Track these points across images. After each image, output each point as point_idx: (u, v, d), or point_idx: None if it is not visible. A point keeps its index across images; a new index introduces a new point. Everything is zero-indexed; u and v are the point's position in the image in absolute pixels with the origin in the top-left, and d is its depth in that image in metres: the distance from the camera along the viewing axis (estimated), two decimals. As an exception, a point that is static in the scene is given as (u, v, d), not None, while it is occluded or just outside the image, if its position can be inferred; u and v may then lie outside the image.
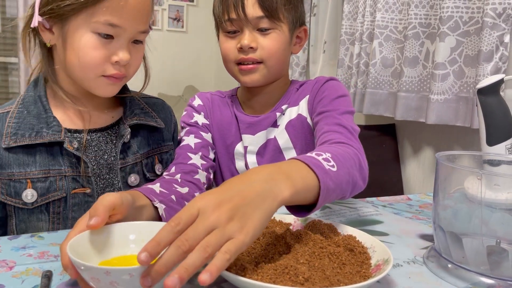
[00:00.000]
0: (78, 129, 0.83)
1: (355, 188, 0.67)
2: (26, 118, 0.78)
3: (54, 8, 0.74)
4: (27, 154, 0.77)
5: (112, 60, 0.76)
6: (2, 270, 0.54)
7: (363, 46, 1.89)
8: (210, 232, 0.44)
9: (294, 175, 0.54)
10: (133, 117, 0.87)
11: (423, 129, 1.81)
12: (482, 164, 0.70)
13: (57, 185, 0.78)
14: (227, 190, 0.48)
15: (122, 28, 0.75)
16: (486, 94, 0.75)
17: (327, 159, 0.61)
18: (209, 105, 0.99)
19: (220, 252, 0.43)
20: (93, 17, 0.73)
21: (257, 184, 0.50)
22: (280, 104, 0.95)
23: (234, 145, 0.96)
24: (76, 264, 0.46)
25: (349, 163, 0.65)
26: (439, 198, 0.60)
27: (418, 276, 0.58)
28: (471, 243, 0.57)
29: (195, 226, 0.44)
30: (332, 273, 0.51)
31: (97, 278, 0.45)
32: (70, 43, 0.75)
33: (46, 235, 0.66)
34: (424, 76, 1.69)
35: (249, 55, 0.87)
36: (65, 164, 0.79)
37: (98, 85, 0.78)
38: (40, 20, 0.75)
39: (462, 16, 1.50)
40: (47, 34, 0.78)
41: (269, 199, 0.49)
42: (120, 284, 0.44)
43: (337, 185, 0.60)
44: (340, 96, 0.89)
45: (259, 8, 0.84)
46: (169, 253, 0.42)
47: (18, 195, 0.77)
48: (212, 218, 0.44)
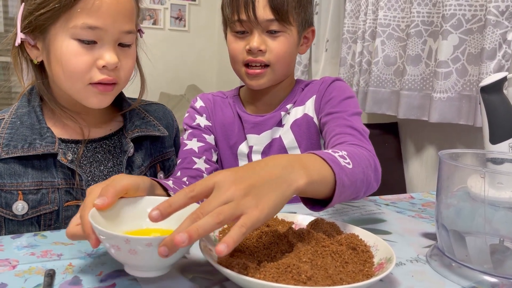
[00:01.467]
0: (74, 139, 0.81)
1: (369, 188, 0.67)
2: (19, 129, 0.76)
3: (32, 21, 0.72)
4: (19, 165, 0.75)
5: (99, 65, 0.72)
6: (5, 269, 0.54)
7: (366, 44, 1.88)
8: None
9: (311, 166, 0.55)
10: (134, 129, 0.85)
11: (426, 128, 1.80)
12: (485, 163, 0.70)
13: (49, 197, 0.76)
14: (245, 170, 0.49)
15: (102, 30, 0.71)
16: (489, 92, 0.74)
17: (343, 157, 0.62)
18: (211, 106, 0.99)
19: (236, 226, 0.44)
20: (70, 22, 0.70)
21: (275, 169, 0.51)
22: (284, 103, 0.95)
23: (238, 145, 0.96)
24: (97, 232, 0.48)
25: (364, 163, 0.66)
26: (442, 197, 0.60)
27: (421, 275, 0.57)
28: (474, 241, 0.57)
29: (211, 200, 0.45)
30: (335, 272, 0.51)
31: (117, 246, 0.46)
32: (53, 54, 0.72)
33: (49, 234, 0.67)
34: (427, 74, 1.68)
35: (258, 58, 0.86)
36: (59, 176, 0.77)
37: (87, 95, 0.74)
38: (23, 38, 0.74)
39: (465, 14, 1.49)
40: (33, 51, 0.76)
41: (285, 184, 0.50)
42: (138, 253, 0.46)
43: (352, 182, 0.61)
44: (348, 97, 0.89)
45: (270, 11, 0.84)
46: (184, 225, 0.44)
47: (8, 206, 0.75)
48: (228, 193, 0.45)
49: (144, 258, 0.47)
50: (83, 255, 0.59)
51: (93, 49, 0.72)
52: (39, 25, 0.72)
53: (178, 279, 0.53)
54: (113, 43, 0.74)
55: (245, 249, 0.57)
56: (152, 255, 0.45)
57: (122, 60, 0.75)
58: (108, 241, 0.47)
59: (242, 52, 0.88)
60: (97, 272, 0.54)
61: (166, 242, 0.43)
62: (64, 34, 0.71)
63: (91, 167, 0.81)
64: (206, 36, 4.00)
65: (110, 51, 0.72)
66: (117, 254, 0.48)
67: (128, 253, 0.46)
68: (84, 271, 0.54)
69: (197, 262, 0.58)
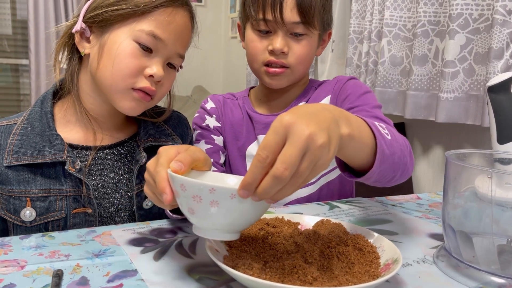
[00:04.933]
0: (85, 145, 0.81)
1: (404, 171, 0.65)
2: (29, 136, 0.76)
3: (101, 14, 0.74)
4: (29, 172, 0.75)
5: (146, 73, 0.74)
6: (14, 269, 0.55)
7: (372, 44, 1.88)
8: (303, 154, 0.43)
9: (353, 120, 0.53)
10: (148, 138, 0.84)
11: (433, 128, 1.80)
12: (493, 163, 0.69)
13: (57, 205, 0.76)
14: (305, 110, 0.47)
15: (164, 43, 0.75)
16: (497, 91, 0.74)
17: (382, 127, 0.60)
18: (220, 107, 0.99)
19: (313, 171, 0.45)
20: (138, 25, 0.73)
21: (328, 112, 0.49)
22: (297, 101, 0.95)
23: (246, 146, 0.96)
24: (179, 181, 0.48)
25: (400, 142, 0.64)
26: (449, 197, 0.60)
27: (428, 276, 0.57)
28: (482, 242, 0.57)
29: (291, 152, 0.43)
30: (341, 273, 0.51)
31: (199, 197, 0.47)
32: (108, 49, 0.74)
33: (57, 235, 0.67)
34: (434, 74, 1.67)
35: (279, 59, 0.86)
36: (67, 184, 0.76)
37: (124, 98, 0.76)
38: (83, 27, 0.76)
39: (472, 13, 1.48)
40: (83, 43, 0.78)
41: (337, 126, 0.48)
42: (220, 205, 0.46)
43: (391, 153, 0.58)
44: (366, 92, 0.89)
45: (297, 14, 0.83)
46: (270, 183, 0.43)
47: (17, 213, 0.75)
48: (304, 140, 0.43)
49: (223, 212, 0.47)
50: (90, 255, 0.59)
51: (147, 57, 0.75)
52: (106, 19, 0.74)
53: (185, 280, 0.53)
54: (164, 60, 0.77)
55: (251, 249, 0.57)
56: (233, 209, 0.46)
57: (164, 78, 0.77)
58: (190, 191, 0.47)
59: (263, 52, 0.87)
60: (104, 272, 0.54)
61: (244, 185, 0.44)
62: (127, 34, 0.74)
63: (102, 174, 0.81)
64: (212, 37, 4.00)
65: (160, 64, 0.76)
66: (195, 207, 0.48)
67: (209, 205, 0.47)
68: (92, 271, 0.55)
69: (203, 263, 0.58)
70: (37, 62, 3.26)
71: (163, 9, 0.74)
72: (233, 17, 3.80)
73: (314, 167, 0.45)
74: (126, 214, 0.83)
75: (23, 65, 3.49)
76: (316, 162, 0.45)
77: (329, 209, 0.84)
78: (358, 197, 0.95)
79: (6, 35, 3.44)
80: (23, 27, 3.40)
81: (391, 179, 0.64)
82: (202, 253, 0.61)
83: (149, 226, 0.72)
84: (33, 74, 3.25)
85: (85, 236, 0.67)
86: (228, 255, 0.55)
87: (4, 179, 0.75)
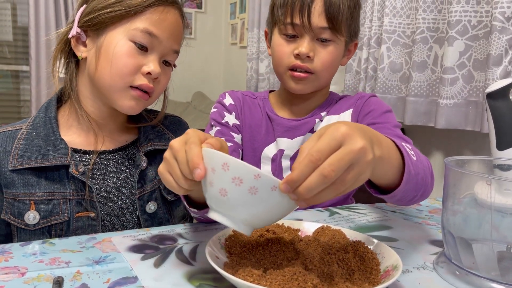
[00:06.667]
0: (88, 150, 0.82)
1: (425, 191, 0.67)
2: (34, 140, 0.78)
3: (95, 17, 0.76)
4: (33, 176, 0.77)
5: (144, 71, 0.77)
6: (14, 276, 0.55)
7: (371, 51, 1.88)
8: (351, 164, 0.45)
9: (384, 145, 0.54)
10: (148, 142, 0.85)
11: (432, 134, 1.80)
12: (492, 169, 0.69)
13: (60, 208, 0.77)
14: (356, 125, 0.49)
15: (159, 40, 0.77)
16: (496, 98, 0.74)
17: (408, 148, 0.62)
18: (240, 105, 0.98)
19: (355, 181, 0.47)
20: (133, 25, 0.76)
21: (369, 132, 0.51)
22: (319, 110, 0.95)
23: (262, 148, 0.95)
24: (221, 160, 0.47)
25: (424, 163, 0.65)
26: (448, 204, 0.60)
27: (428, 282, 0.57)
28: (481, 248, 0.57)
29: (341, 157, 0.45)
30: (341, 280, 0.51)
31: (241, 179, 0.46)
32: (105, 50, 0.76)
33: (57, 241, 0.67)
34: (433, 80, 1.68)
35: (304, 64, 0.86)
36: (70, 187, 0.78)
37: (123, 97, 0.78)
38: (78, 32, 0.78)
39: (471, 20, 1.49)
40: (79, 48, 0.80)
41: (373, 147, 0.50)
42: (258, 193, 0.46)
43: (415, 174, 0.60)
44: (388, 111, 0.92)
45: (324, 19, 0.83)
46: (315, 181, 0.44)
47: (21, 216, 0.76)
48: (357, 150, 0.45)
49: (257, 201, 0.46)
50: (91, 262, 0.59)
51: (143, 55, 0.77)
52: (100, 22, 0.77)
53: (185, 287, 0.53)
54: (160, 57, 0.80)
55: (251, 256, 0.57)
56: (267, 201, 0.46)
57: (161, 75, 0.80)
58: (232, 172, 0.46)
59: (289, 56, 0.87)
60: (104, 279, 0.54)
61: (289, 181, 0.45)
62: (122, 34, 0.76)
63: (104, 178, 0.82)
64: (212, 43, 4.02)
65: (156, 62, 0.78)
66: (230, 189, 0.47)
67: (247, 190, 0.46)
68: (92, 278, 0.55)
69: (203, 270, 0.58)
70: (38, 68, 3.27)
71: (155, 8, 0.77)
72: (233, 24, 3.82)
73: (357, 180, 0.47)
74: (128, 218, 0.83)
75: (24, 71, 3.50)
76: (360, 175, 0.46)
77: (329, 216, 0.84)
78: (358, 203, 0.95)
79: (7, 42, 3.46)
80: (24, 34, 3.42)
81: (411, 199, 0.66)
82: (203, 260, 0.61)
83: (149, 232, 0.72)
84: (33, 80, 3.26)
85: (86, 242, 0.67)
86: (228, 261, 0.55)
87: (9, 183, 0.76)
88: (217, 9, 3.99)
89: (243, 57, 3.47)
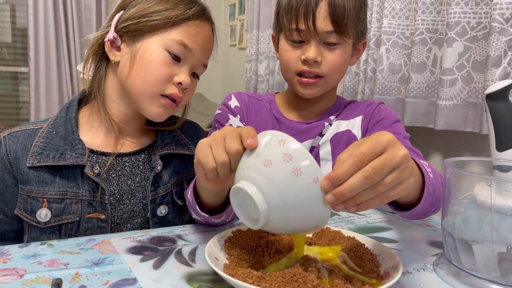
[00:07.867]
0: (106, 151, 0.83)
1: (438, 207, 0.67)
2: (53, 139, 0.79)
3: (134, 24, 0.78)
4: (48, 174, 0.78)
5: (175, 81, 0.79)
6: (13, 278, 0.55)
7: (370, 52, 1.89)
8: (392, 170, 0.47)
9: (411, 161, 0.54)
10: (164, 146, 0.86)
11: (432, 135, 1.80)
12: (492, 170, 0.69)
13: (72, 208, 0.78)
14: (392, 138, 0.50)
15: (191, 52, 0.79)
16: (495, 99, 0.74)
17: (426, 165, 0.63)
18: (246, 107, 0.98)
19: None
20: (170, 35, 0.78)
21: None
22: (328, 114, 0.95)
23: None
24: (279, 137, 0.48)
25: (439, 180, 0.67)
26: (448, 205, 0.60)
27: (428, 284, 0.57)
28: (482, 250, 0.57)
29: (384, 162, 0.46)
30: (341, 281, 0.51)
31: (291, 157, 0.46)
32: (140, 57, 0.78)
33: (56, 243, 0.67)
34: (432, 81, 1.68)
35: (312, 68, 0.86)
36: (84, 188, 0.79)
37: (152, 103, 0.79)
38: (115, 36, 0.79)
39: (470, 21, 1.49)
40: (113, 52, 0.81)
41: None
42: (301, 177, 0.46)
43: (433, 190, 0.62)
44: (397, 121, 0.92)
45: (330, 23, 0.83)
46: (357, 181, 0.45)
47: (33, 213, 0.77)
48: (399, 157, 0.47)
49: (295, 187, 0.46)
50: (90, 264, 0.59)
51: (175, 65, 0.79)
52: (138, 29, 0.78)
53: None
54: (191, 68, 0.82)
55: (250, 258, 0.57)
56: (305, 192, 0.46)
57: (189, 86, 0.81)
58: (286, 149, 0.47)
59: (296, 61, 0.87)
60: (103, 281, 0.54)
61: (334, 193, 0.45)
62: (158, 43, 0.78)
63: (119, 180, 0.83)
64: (211, 45, 4.02)
65: (187, 73, 0.81)
66: (277, 163, 0.46)
67: (292, 170, 0.46)
68: (91, 280, 0.54)
69: (203, 271, 0.58)
70: (37, 70, 3.26)
71: (192, 21, 0.80)
72: (232, 25, 3.82)
73: (397, 185, 0.47)
74: (138, 221, 0.84)
75: (23, 73, 3.50)
76: (400, 181, 0.47)
77: (330, 217, 0.84)
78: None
79: (6, 43, 3.46)
80: (23, 35, 3.41)
81: (426, 213, 0.67)
82: (202, 262, 0.60)
83: (149, 234, 0.71)
84: (32, 82, 3.26)
85: (84, 244, 0.67)
86: (228, 263, 0.55)
87: (25, 179, 0.78)
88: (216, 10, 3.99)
89: (242, 59, 3.47)
